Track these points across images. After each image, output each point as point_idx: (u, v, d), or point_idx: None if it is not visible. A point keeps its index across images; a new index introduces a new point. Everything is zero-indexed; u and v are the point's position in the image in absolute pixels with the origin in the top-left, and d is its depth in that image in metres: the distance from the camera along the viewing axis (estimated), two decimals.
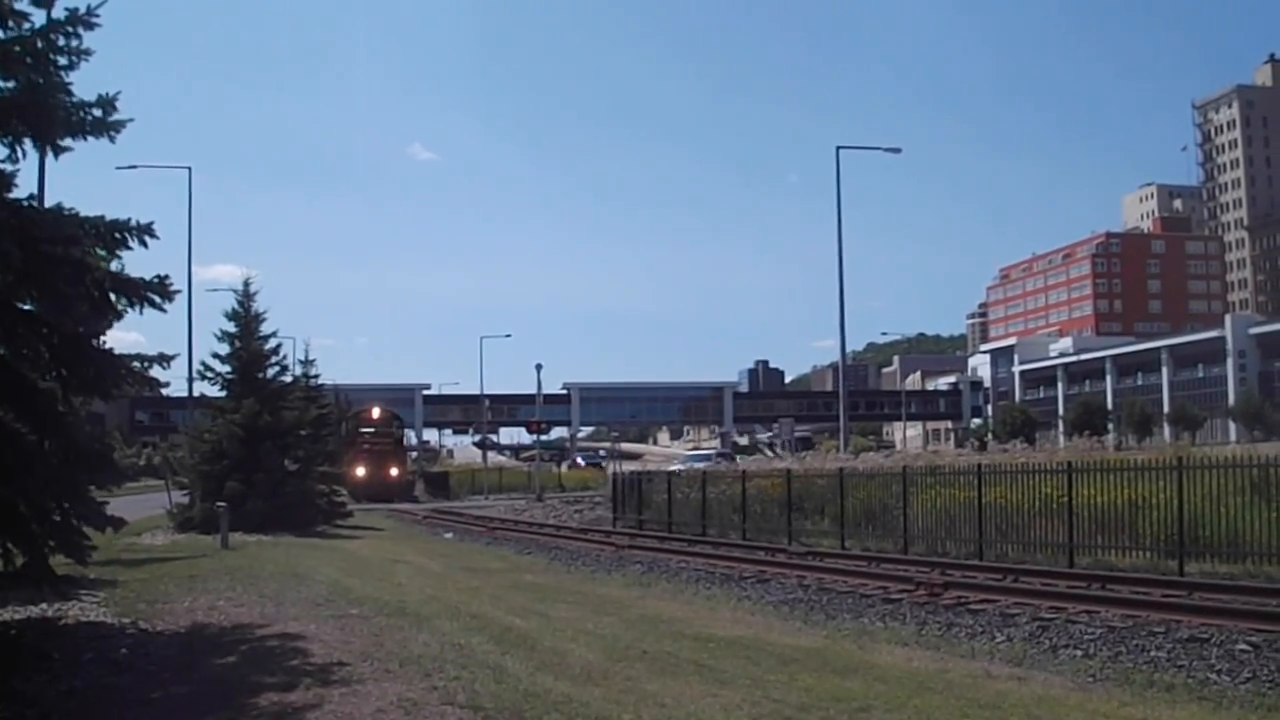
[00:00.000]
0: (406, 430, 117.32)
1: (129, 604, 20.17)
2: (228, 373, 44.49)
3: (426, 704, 11.70)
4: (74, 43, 14.99)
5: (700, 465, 66.13)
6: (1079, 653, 16.30)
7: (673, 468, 70.74)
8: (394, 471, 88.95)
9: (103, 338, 16.97)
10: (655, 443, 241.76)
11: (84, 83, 15.42)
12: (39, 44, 14.82)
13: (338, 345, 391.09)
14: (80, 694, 12.99)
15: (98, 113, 15.45)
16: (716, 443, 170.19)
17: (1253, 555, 24.02)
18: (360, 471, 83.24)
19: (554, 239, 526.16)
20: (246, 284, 44.81)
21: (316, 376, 61.69)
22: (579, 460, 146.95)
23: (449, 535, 47.08)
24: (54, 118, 15.16)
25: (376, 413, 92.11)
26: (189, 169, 67.54)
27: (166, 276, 16.15)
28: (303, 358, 62.18)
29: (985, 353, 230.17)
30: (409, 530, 51.35)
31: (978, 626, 18.90)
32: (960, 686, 13.48)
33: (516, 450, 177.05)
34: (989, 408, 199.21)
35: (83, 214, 15.43)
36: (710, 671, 14.08)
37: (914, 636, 18.17)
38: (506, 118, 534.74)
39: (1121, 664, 15.37)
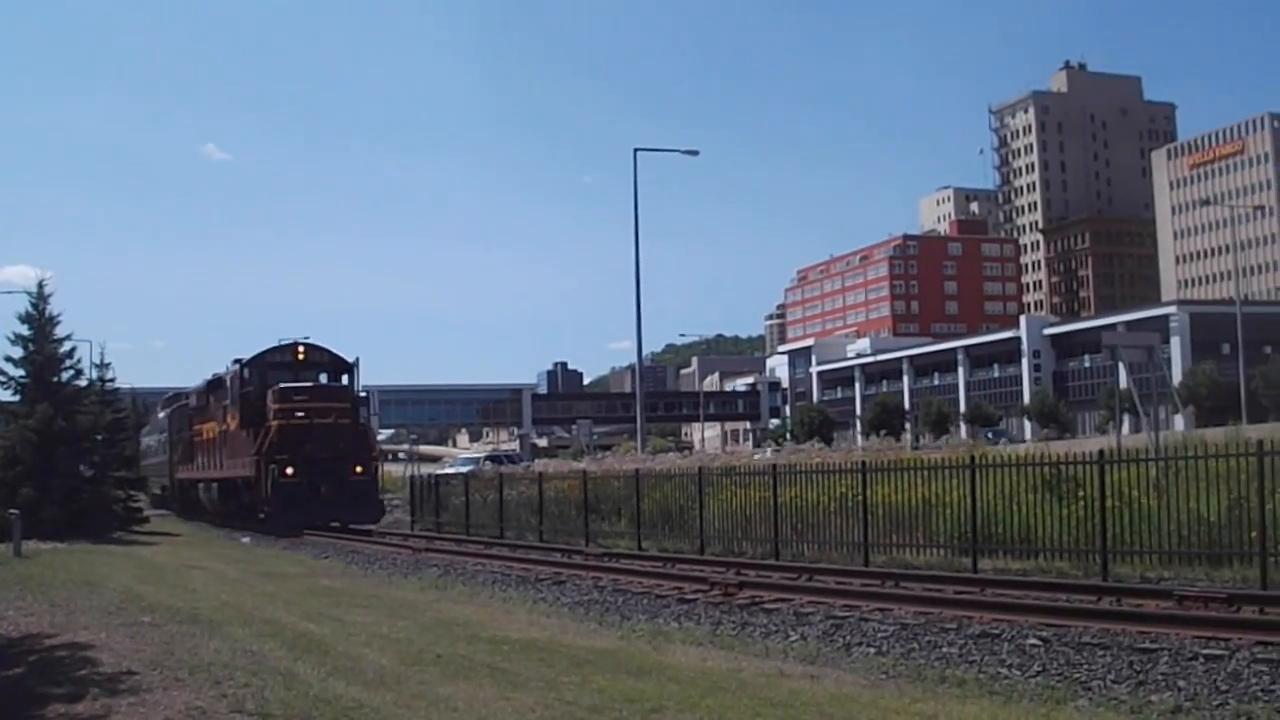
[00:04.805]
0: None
1: None
2: (21, 376, 43.78)
3: (215, 712, 11.57)
4: None
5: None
6: (872, 650, 16.41)
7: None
8: (357, 467, 49.37)
9: None
10: (454, 445, 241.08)
11: None
12: None
13: (134, 349, 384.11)
14: None
15: None
16: (515, 444, 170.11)
17: (1044, 551, 24.53)
18: (290, 469, 47.48)
19: (349, 241, 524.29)
20: (41, 286, 44.04)
21: (112, 380, 60.45)
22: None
23: (246, 540, 46.44)
24: None
25: (304, 352, 52.87)
26: None
27: None
28: (98, 361, 60.94)
29: (783, 354, 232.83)
30: (206, 535, 50.69)
31: (772, 626, 18.98)
32: (754, 685, 13.56)
33: None
34: (787, 408, 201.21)
35: None
36: (504, 674, 14.08)
37: (708, 636, 18.20)
38: (299, 119, 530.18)
39: (914, 660, 15.50)
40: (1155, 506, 22.91)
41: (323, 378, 52.51)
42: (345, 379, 52.54)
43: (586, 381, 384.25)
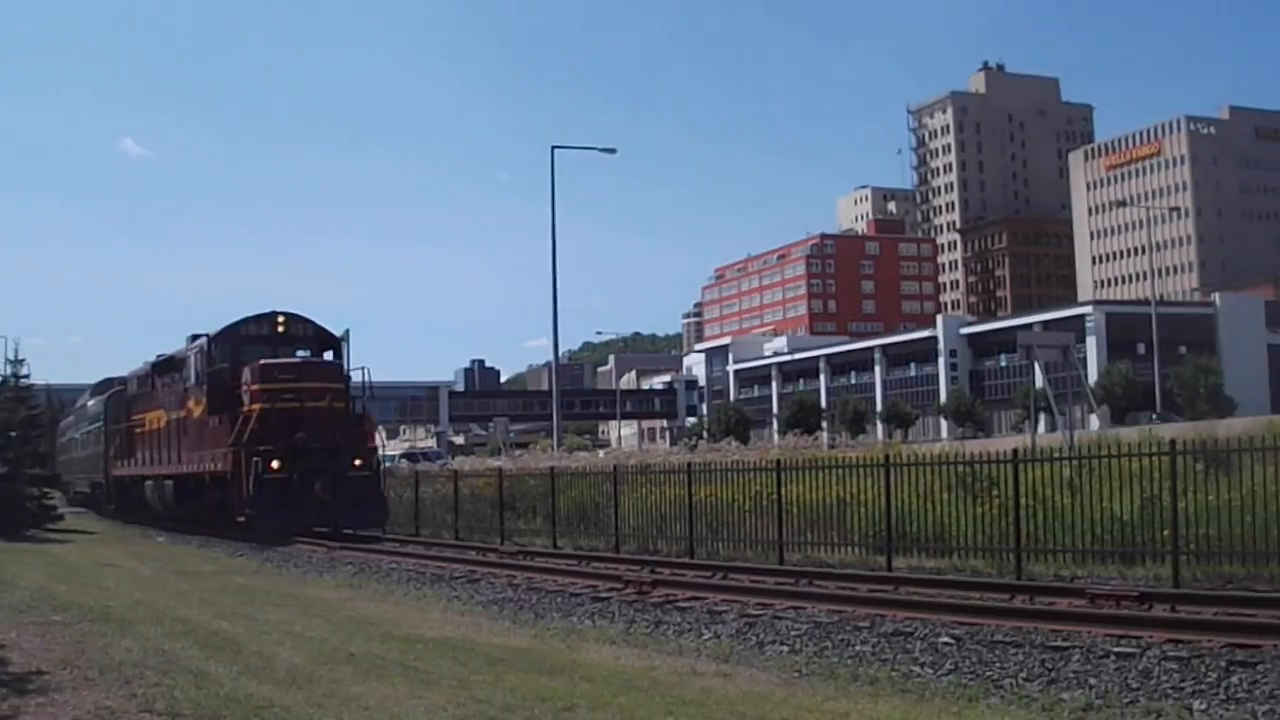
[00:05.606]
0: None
1: None
2: None
3: (125, 712, 11.45)
4: None
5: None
6: (785, 648, 16.36)
7: None
8: (356, 460, 40.29)
9: None
10: None
11: None
12: None
13: (49, 344, 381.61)
14: None
15: None
16: (432, 442, 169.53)
17: (958, 550, 24.67)
18: (276, 463, 38.37)
19: (267, 237, 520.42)
20: None
21: (26, 376, 59.73)
22: None
23: (162, 538, 45.96)
24: None
25: (285, 323, 43.74)
26: None
27: None
28: (11, 357, 60.19)
29: (700, 352, 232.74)
30: (122, 533, 50.09)
31: (685, 624, 18.89)
32: (666, 684, 13.52)
33: None
34: (704, 406, 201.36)
35: None
36: (416, 673, 14.01)
37: (622, 635, 18.14)
38: (217, 115, 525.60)
39: (827, 659, 15.45)
40: (1069, 505, 23.12)
41: (304, 354, 43.72)
42: (330, 356, 44.30)
43: (504, 379, 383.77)
